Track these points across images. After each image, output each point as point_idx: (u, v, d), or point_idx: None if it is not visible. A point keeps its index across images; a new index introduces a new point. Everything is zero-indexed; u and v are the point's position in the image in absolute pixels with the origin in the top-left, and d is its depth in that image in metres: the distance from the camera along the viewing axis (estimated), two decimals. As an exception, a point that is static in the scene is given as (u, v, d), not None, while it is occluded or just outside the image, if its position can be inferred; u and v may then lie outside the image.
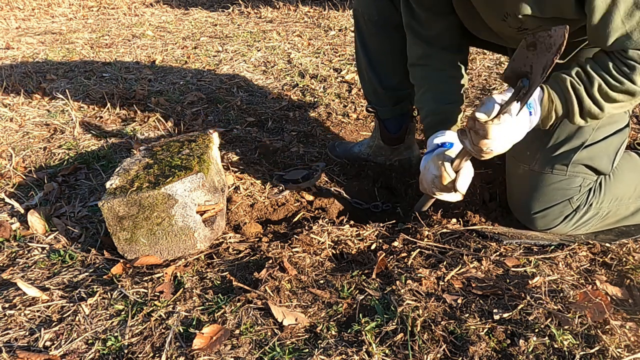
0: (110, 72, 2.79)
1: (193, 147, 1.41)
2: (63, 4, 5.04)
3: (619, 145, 1.26)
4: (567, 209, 1.28)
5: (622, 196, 1.30)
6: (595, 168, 1.25)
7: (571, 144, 1.23)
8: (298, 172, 1.66)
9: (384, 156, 1.77)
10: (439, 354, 0.90)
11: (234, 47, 3.29)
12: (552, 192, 1.27)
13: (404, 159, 1.75)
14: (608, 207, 1.30)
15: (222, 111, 2.26)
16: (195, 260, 1.22)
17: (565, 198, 1.27)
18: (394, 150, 1.75)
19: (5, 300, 1.10)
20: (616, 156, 1.27)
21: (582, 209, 1.28)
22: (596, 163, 1.24)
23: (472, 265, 1.14)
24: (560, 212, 1.28)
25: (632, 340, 0.92)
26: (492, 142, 1.03)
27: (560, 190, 1.27)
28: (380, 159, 1.78)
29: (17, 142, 1.89)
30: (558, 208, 1.28)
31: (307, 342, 0.95)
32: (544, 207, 1.29)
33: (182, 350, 0.93)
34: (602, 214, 1.30)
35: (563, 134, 1.24)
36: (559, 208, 1.28)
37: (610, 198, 1.29)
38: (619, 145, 1.27)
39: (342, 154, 1.83)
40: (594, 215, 1.29)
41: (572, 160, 1.24)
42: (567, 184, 1.26)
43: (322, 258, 1.21)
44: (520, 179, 1.32)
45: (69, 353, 0.95)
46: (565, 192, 1.27)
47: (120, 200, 1.17)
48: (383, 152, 1.77)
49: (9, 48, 3.38)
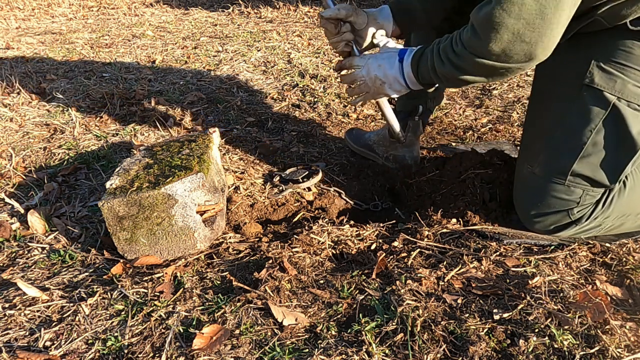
0: (110, 72, 2.79)
1: (193, 147, 1.41)
2: (63, 4, 5.04)
3: (629, 156, 1.16)
4: (565, 219, 1.24)
5: (630, 212, 1.25)
6: (597, 180, 1.19)
7: (569, 147, 1.18)
8: (298, 172, 1.67)
9: (383, 147, 1.78)
10: (439, 354, 0.90)
11: (234, 47, 3.29)
12: (551, 199, 1.24)
13: (399, 156, 1.74)
14: (612, 222, 1.25)
15: (222, 111, 2.27)
16: (195, 260, 1.22)
17: (564, 208, 1.23)
18: (392, 144, 1.75)
19: (5, 300, 1.10)
20: (626, 168, 1.17)
21: (583, 221, 1.23)
22: (598, 176, 1.17)
23: (472, 265, 1.14)
24: (558, 220, 1.25)
25: (632, 340, 0.92)
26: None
27: (559, 200, 1.23)
28: (380, 149, 1.78)
29: (17, 142, 1.89)
30: (556, 217, 1.25)
31: (307, 342, 0.95)
32: (542, 212, 1.26)
33: (182, 350, 0.93)
34: (604, 227, 1.26)
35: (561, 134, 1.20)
36: (556, 217, 1.25)
37: (617, 214, 1.24)
38: (630, 156, 1.16)
39: (354, 139, 1.87)
40: (596, 226, 1.26)
41: (570, 171, 1.19)
42: (567, 195, 1.22)
43: (322, 258, 1.21)
44: (523, 179, 1.31)
45: (69, 353, 0.95)
46: (564, 202, 1.23)
47: (120, 200, 1.17)
48: (383, 143, 1.78)
49: (9, 48, 3.38)
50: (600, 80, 1.12)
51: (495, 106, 2.32)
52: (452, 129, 2.11)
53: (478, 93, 2.48)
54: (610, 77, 1.11)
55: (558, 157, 1.21)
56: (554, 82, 1.24)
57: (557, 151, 1.21)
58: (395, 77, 1.30)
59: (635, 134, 1.12)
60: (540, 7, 0.93)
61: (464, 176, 1.45)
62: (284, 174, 1.66)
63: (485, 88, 2.52)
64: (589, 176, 1.19)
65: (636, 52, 1.09)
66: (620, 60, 1.10)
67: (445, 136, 2.06)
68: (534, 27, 0.95)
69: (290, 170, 1.69)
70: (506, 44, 0.99)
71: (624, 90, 1.10)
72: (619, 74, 1.10)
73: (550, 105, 1.24)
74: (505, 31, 0.97)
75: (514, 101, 2.35)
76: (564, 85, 1.20)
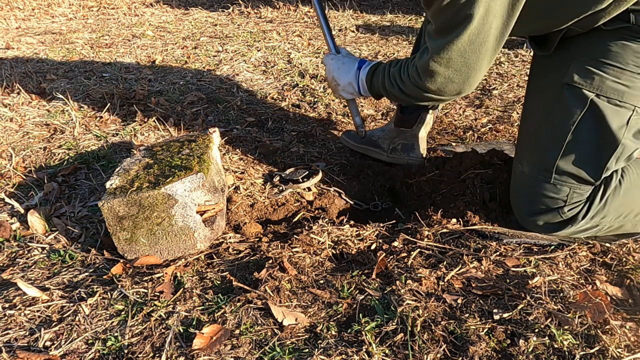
0: (110, 72, 2.79)
1: (193, 147, 1.41)
2: (63, 4, 5.04)
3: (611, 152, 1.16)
4: (556, 217, 1.25)
5: (629, 213, 1.25)
6: (581, 177, 1.20)
7: (552, 145, 1.20)
8: (298, 172, 1.67)
9: (389, 139, 1.78)
10: (439, 354, 0.90)
11: (234, 47, 3.29)
12: (541, 198, 1.25)
13: (408, 144, 1.75)
14: (610, 223, 1.26)
15: (222, 111, 2.26)
16: (195, 260, 1.22)
17: (554, 206, 1.24)
18: (400, 133, 1.76)
19: (5, 300, 1.10)
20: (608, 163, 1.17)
21: (579, 221, 1.23)
22: (582, 173, 1.19)
23: (472, 265, 1.14)
24: (550, 219, 1.26)
25: (632, 340, 0.92)
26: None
27: (547, 199, 1.24)
28: (385, 143, 1.78)
29: (17, 142, 1.89)
30: (547, 216, 1.26)
31: (307, 342, 0.95)
32: (534, 211, 1.27)
33: (182, 350, 0.93)
34: (602, 227, 1.27)
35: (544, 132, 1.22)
36: (548, 216, 1.26)
37: (615, 215, 1.24)
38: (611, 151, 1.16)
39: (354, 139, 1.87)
40: (594, 226, 1.26)
41: (555, 167, 1.21)
42: (554, 193, 1.23)
43: (322, 258, 1.21)
44: (516, 178, 1.33)
45: (69, 353, 0.95)
46: (553, 201, 1.24)
47: (120, 200, 1.17)
48: (389, 135, 1.79)
49: (9, 48, 3.38)
50: (578, 79, 1.15)
51: (495, 106, 2.32)
52: (452, 129, 2.11)
53: (478, 93, 2.48)
54: (588, 74, 1.14)
55: (542, 155, 1.23)
56: (541, 83, 1.28)
57: (542, 149, 1.23)
58: (350, 82, 1.51)
59: (615, 129, 1.14)
60: (464, 60, 1.14)
61: (464, 176, 1.46)
62: (284, 174, 1.66)
63: (485, 88, 2.52)
64: (573, 173, 1.20)
65: (614, 49, 1.11)
66: (599, 58, 1.13)
67: (445, 136, 2.06)
68: (460, 73, 1.18)
69: (290, 170, 1.69)
70: (439, 85, 1.22)
71: (602, 87, 1.13)
72: (597, 71, 1.13)
73: (537, 104, 1.27)
74: (438, 77, 1.20)
75: (514, 101, 2.35)
76: (548, 85, 1.24)
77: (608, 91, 1.12)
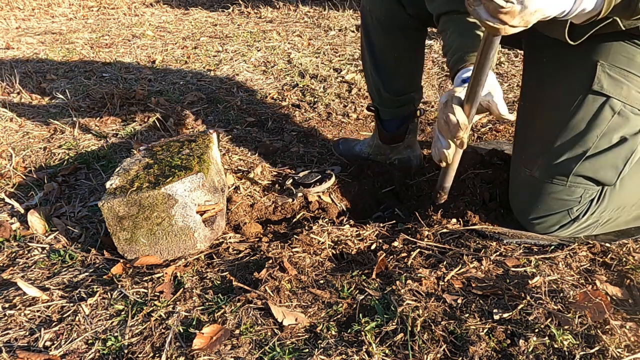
0: (110, 72, 2.79)
1: (193, 147, 1.41)
2: (63, 4, 5.04)
3: (628, 156, 1.18)
4: (566, 218, 1.26)
5: (625, 204, 1.27)
6: (599, 180, 1.20)
7: (573, 151, 1.19)
8: (312, 175, 1.63)
9: (383, 155, 1.77)
10: (439, 354, 0.90)
11: (234, 47, 3.29)
12: (552, 201, 1.25)
13: (404, 158, 1.75)
14: (609, 215, 1.27)
15: (222, 111, 2.27)
16: (195, 260, 1.22)
17: (565, 208, 1.25)
18: (394, 149, 1.74)
19: (5, 300, 1.10)
20: (624, 167, 1.19)
21: (581, 218, 1.25)
22: (600, 175, 1.19)
23: (472, 265, 1.14)
24: (558, 220, 1.26)
25: (632, 340, 0.92)
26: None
27: (559, 201, 1.24)
28: (380, 157, 1.78)
29: (17, 142, 1.89)
30: (556, 217, 1.26)
31: (307, 342, 0.95)
32: (542, 215, 1.27)
33: (182, 350, 0.93)
34: (601, 221, 1.28)
35: (564, 138, 1.20)
36: (557, 217, 1.26)
37: (612, 207, 1.25)
38: (628, 156, 1.18)
39: (344, 153, 1.84)
40: (594, 222, 1.27)
41: (573, 172, 1.20)
42: (568, 195, 1.23)
43: (322, 258, 1.21)
44: (521, 183, 1.31)
45: (69, 353, 0.95)
46: (565, 203, 1.24)
47: (120, 200, 1.17)
48: (382, 152, 1.76)
49: (9, 48, 3.38)
50: (608, 87, 1.14)
51: (495, 106, 2.31)
52: (452, 129, 2.11)
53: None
54: (617, 83, 1.13)
55: (561, 160, 1.21)
56: (554, 85, 1.24)
57: (560, 154, 1.21)
58: None
59: (632, 135, 1.17)
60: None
61: (464, 176, 1.45)
62: (297, 177, 1.63)
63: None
64: (591, 177, 1.20)
65: (637, 59, 1.12)
66: (623, 67, 1.13)
67: (445, 136, 2.05)
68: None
69: (304, 173, 1.66)
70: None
71: (629, 97, 1.13)
72: (624, 80, 1.13)
73: (550, 108, 1.24)
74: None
75: (514, 101, 2.34)
76: (566, 88, 1.20)
77: (633, 101, 1.14)
